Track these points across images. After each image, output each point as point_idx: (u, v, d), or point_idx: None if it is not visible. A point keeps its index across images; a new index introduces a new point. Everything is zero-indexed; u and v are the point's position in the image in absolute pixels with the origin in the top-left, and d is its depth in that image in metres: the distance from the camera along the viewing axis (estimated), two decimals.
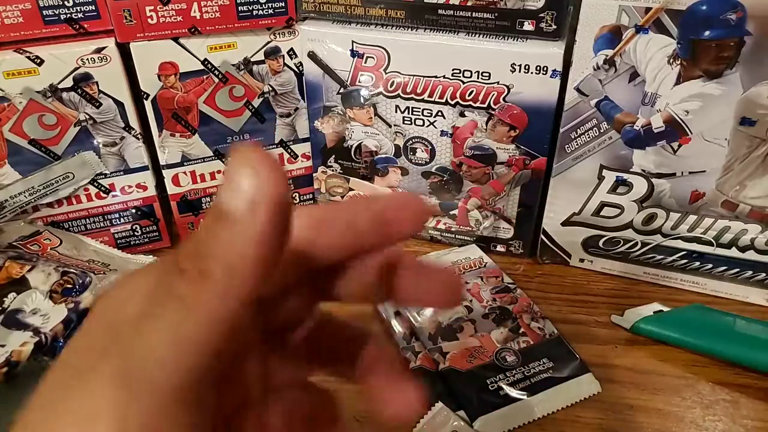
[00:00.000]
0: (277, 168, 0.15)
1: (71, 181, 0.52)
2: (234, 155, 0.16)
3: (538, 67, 0.48)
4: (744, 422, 0.43)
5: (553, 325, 0.49)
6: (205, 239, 0.16)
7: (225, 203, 0.15)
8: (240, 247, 0.15)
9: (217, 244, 0.15)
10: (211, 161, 0.57)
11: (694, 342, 0.47)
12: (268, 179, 0.15)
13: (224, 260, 0.15)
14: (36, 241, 0.50)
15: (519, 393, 0.43)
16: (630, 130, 0.48)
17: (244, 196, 0.15)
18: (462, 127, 0.53)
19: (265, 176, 0.15)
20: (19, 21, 0.46)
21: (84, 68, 0.48)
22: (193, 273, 0.15)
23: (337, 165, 0.59)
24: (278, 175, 0.15)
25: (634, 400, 0.44)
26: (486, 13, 0.48)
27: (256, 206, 0.15)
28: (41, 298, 0.43)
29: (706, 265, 0.52)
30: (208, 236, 0.16)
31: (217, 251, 0.15)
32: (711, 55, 0.43)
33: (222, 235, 0.15)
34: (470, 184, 0.56)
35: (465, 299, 0.51)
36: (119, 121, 0.52)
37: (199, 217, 0.59)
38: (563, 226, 0.55)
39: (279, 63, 0.54)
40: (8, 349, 0.39)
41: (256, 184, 0.15)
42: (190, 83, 0.52)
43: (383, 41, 0.51)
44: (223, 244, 0.15)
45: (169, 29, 0.49)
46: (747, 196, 0.47)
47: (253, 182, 0.15)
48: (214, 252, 0.15)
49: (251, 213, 0.15)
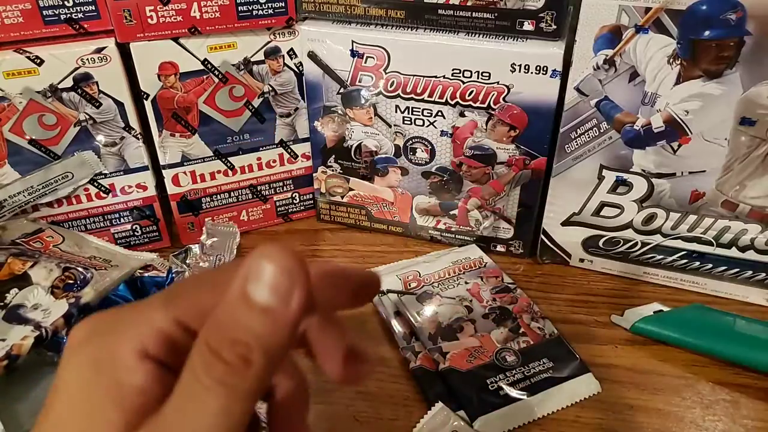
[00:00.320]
0: (302, 259, 0.18)
1: (70, 180, 0.52)
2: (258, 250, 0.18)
3: (538, 67, 0.48)
4: (744, 422, 0.43)
5: (553, 325, 0.49)
6: (237, 327, 0.18)
7: (258, 295, 0.18)
8: (276, 336, 0.18)
9: (254, 333, 0.18)
10: (211, 161, 0.57)
11: (694, 342, 0.47)
12: (297, 272, 0.18)
13: (263, 347, 0.18)
14: (39, 239, 0.50)
15: (519, 393, 0.43)
16: (630, 130, 0.48)
17: (276, 288, 0.18)
18: (462, 127, 0.53)
19: (294, 269, 0.18)
20: (19, 21, 0.46)
21: (84, 68, 0.48)
22: (236, 361, 0.17)
23: (337, 165, 0.59)
24: (303, 266, 0.18)
25: (634, 400, 0.44)
26: (486, 13, 0.48)
27: (289, 297, 0.18)
28: (43, 293, 0.43)
29: (706, 265, 0.52)
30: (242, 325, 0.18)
31: (254, 339, 0.18)
32: (711, 55, 0.43)
33: (256, 325, 0.18)
34: (470, 184, 0.56)
35: (466, 299, 0.51)
36: (119, 121, 0.52)
37: (200, 217, 0.59)
38: (563, 226, 0.55)
39: (279, 63, 0.54)
40: (9, 343, 0.39)
41: (287, 277, 0.18)
42: (190, 83, 0.52)
43: (383, 41, 0.51)
44: (259, 332, 0.18)
45: (169, 29, 0.49)
46: (747, 196, 0.47)
47: (284, 276, 0.18)
48: (251, 340, 0.18)
49: (284, 304, 0.18)
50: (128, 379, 0.19)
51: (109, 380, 0.19)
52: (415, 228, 0.60)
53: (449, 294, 0.52)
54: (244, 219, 0.62)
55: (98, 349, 0.19)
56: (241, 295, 0.18)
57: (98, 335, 0.20)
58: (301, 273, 0.18)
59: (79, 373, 0.19)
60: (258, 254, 0.18)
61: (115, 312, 0.21)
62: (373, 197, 0.60)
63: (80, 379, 0.19)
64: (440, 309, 0.50)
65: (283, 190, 0.62)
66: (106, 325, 0.20)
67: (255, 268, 0.18)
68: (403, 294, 0.52)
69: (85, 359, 0.19)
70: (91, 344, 0.19)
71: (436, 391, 0.44)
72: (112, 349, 0.19)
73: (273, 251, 0.18)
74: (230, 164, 0.58)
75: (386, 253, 0.60)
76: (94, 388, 0.19)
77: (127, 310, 0.21)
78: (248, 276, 0.18)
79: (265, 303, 0.18)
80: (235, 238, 0.53)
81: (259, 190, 0.61)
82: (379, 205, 0.60)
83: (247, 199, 0.61)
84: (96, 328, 0.20)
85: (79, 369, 0.19)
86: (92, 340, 0.20)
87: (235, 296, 0.18)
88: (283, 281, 0.18)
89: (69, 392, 0.19)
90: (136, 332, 0.19)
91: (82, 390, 0.19)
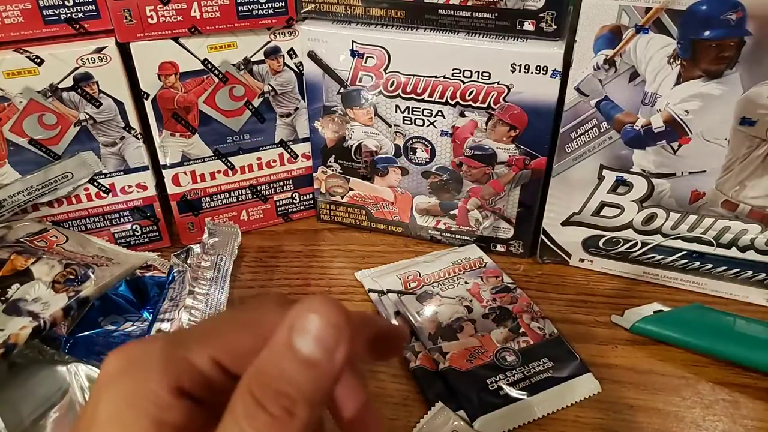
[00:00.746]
0: (347, 314, 0.19)
1: (70, 180, 0.52)
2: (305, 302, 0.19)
3: (538, 67, 0.48)
4: (744, 422, 0.43)
5: (553, 325, 0.49)
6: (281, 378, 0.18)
7: (305, 348, 0.18)
8: (319, 389, 0.18)
9: (299, 386, 0.18)
10: (211, 161, 0.57)
11: (694, 342, 0.47)
12: (343, 327, 0.18)
13: (306, 400, 0.18)
14: (43, 238, 0.50)
15: (519, 393, 0.43)
16: (630, 130, 0.48)
17: (323, 342, 0.18)
18: (462, 127, 0.53)
19: (340, 323, 0.18)
20: (19, 21, 0.46)
21: (84, 68, 0.48)
22: (280, 414, 0.18)
23: (337, 165, 0.59)
24: (348, 321, 0.18)
25: (634, 400, 0.44)
26: (486, 13, 0.48)
27: (334, 352, 0.18)
28: (43, 288, 0.43)
29: (706, 265, 0.52)
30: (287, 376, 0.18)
31: (298, 392, 0.18)
32: (711, 55, 0.43)
33: (301, 378, 0.18)
34: (470, 184, 0.56)
35: (466, 299, 0.51)
36: (119, 121, 0.52)
37: (200, 217, 0.59)
38: (563, 226, 0.55)
39: (279, 63, 0.54)
40: (7, 333, 0.39)
41: (333, 332, 0.18)
42: (190, 83, 0.52)
43: (383, 41, 0.51)
44: (304, 385, 0.18)
45: (169, 29, 0.49)
46: (747, 196, 0.47)
47: (331, 330, 0.18)
48: (295, 393, 0.18)
49: (329, 358, 0.18)
50: (165, 416, 0.19)
51: (147, 418, 0.19)
52: (415, 228, 0.60)
53: (449, 294, 0.52)
54: (244, 219, 0.62)
55: (135, 384, 0.19)
56: (287, 345, 0.18)
57: (134, 368, 0.20)
58: (346, 328, 0.18)
59: (116, 408, 0.19)
60: (305, 306, 0.18)
61: (148, 343, 0.21)
62: (373, 197, 0.60)
63: (118, 415, 0.19)
64: (440, 309, 0.50)
65: (283, 190, 0.62)
66: (140, 357, 0.20)
67: (302, 320, 0.18)
68: (403, 294, 0.52)
69: (121, 394, 0.19)
70: (127, 377, 0.20)
71: (436, 391, 0.44)
72: (149, 385, 0.19)
73: (320, 304, 0.18)
74: (230, 164, 0.58)
75: (386, 253, 0.60)
76: (131, 426, 0.19)
77: (161, 343, 0.21)
78: (294, 327, 0.18)
79: (311, 356, 0.18)
80: (236, 238, 0.53)
81: (259, 190, 0.61)
82: (379, 205, 0.60)
83: (247, 199, 0.61)
84: (131, 360, 0.20)
85: (116, 404, 0.19)
86: (128, 373, 0.20)
87: (280, 346, 0.18)
88: (329, 336, 0.18)
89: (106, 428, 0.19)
90: (172, 368, 0.20)
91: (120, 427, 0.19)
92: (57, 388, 0.41)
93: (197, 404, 0.20)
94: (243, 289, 0.55)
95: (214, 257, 0.50)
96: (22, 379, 0.41)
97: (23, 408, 0.40)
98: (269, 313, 0.21)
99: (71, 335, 0.46)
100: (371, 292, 0.53)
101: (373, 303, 0.53)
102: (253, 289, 0.55)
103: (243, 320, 0.22)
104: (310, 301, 0.19)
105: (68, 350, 0.44)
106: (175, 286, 0.49)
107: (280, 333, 0.19)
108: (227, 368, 0.20)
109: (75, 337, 0.46)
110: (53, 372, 0.42)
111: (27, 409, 0.40)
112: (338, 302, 0.19)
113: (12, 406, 0.40)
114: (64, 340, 0.45)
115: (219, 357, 0.20)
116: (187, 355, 0.20)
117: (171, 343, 0.21)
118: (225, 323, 0.22)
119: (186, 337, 0.21)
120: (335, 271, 0.57)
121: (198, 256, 0.50)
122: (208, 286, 0.47)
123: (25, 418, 0.39)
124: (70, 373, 0.42)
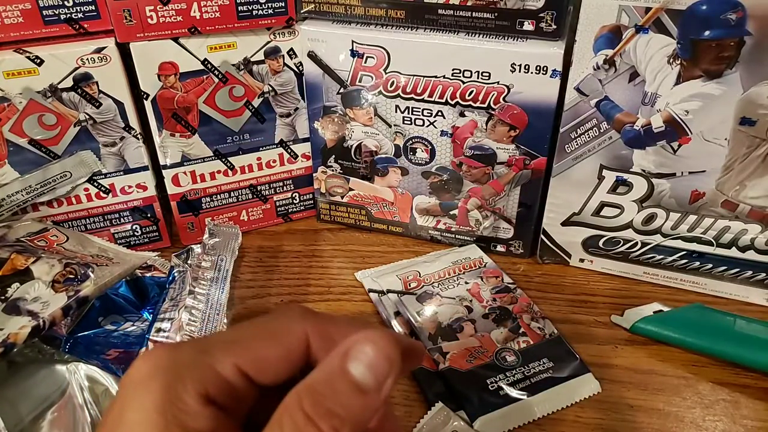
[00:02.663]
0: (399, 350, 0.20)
1: (68, 179, 0.52)
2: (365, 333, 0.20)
3: (538, 67, 0.48)
4: (744, 422, 0.43)
5: (553, 325, 0.49)
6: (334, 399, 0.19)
7: (359, 375, 0.19)
8: (365, 415, 0.20)
9: (349, 409, 0.19)
10: (211, 161, 0.57)
11: (694, 342, 0.47)
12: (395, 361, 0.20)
13: (353, 423, 0.19)
14: (43, 238, 0.50)
15: (519, 393, 0.43)
16: (630, 130, 0.48)
17: (376, 373, 0.19)
18: (462, 127, 0.53)
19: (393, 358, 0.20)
20: (19, 21, 0.46)
21: (84, 68, 0.48)
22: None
23: (337, 165, 0.59)
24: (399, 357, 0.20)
25: (634, 400, 0.44)
26: (486, 13, 0.48)
27: (383, 383, 0.20)
28: (43, 287, 0.43)
29: (706, 265, 0.52)
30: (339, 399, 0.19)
31: (348, 414, 0.19)
32: (711, 55, 0.43)
33: (353, 401, 0.19)
34: (470, 184, 0.56)
35: (466, 299, 0.51)
36: (119, 121, 0.52)
37: (200, 217, 0.59)
38: (563, 226, 0.55)
39: (279, 63, 0.54)
40: (6, 332, 0.39)
41: (387, 364, 0.20)
42: (190, 83, 0.52)
43: (383, 41, 0.51)
44: (354, 409, 0.19)
45: (169, 29, 0.49)
46: (747, 196, 0.47)
47: (385, 363, 0.20)
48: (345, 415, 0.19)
49: (378, 388, 0.19)
50: (193, 424, 0.19)
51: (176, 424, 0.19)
52: (415, 228, 0.60)
53: (449, 294, 0.52)
54: (244, 219, 0.62)
55: (163, 391, 0.20)
56: (343, 370, 0.19)
57: (163, 373, 0.20)
58: (398, 363, 0.20)
59: (145, 413, 0.19)
60: (364, 335, 0.20)
61: (176, 350, 0.22)
62: (373, 197, 0.60)
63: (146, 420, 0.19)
64: (440, 309, 0.50)
65: (283, 190, 0.62)
66: (169, 363, 0.21)
67: (359, 348, 0.20)
68: (403, 294, 0.52)
69: (150, 400, 0.20)
70: (155, 383, 0.20)
71: (436, 391, 0.44)
72: (177, 392, 0.20)
73: (379, 337, 0.20)
74: (230, 164, 0.58)
75: (386, 253, 0.60)
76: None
77: (188, 349, 0.21)
78: (351, 353, 0.20)
79: (364, 383, 0.19)
80: (237, 239, 0.53)
81: (259, 190, 0.61)
82: (379, 205, 0.60)
83: (247, 199, 0.61)
84: (159, 365, 0.20)
85: (146, 409, 0.20)
86: (156, 379, 0.20)
87: (336, 369, 0.19)
88: (382, 367, 0.20)
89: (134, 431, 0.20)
90: (199, 376, 0.20)
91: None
92: (56, 387, 0.41)
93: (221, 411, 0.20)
94: (243, 289, 0.55)
95: (215, 257, 0.50)
96: (21, 378, 0.41)
97: (22, 407, 0.40)
98: (293, 324, 0.22)
99: (71, 335, 0.46)
100: (371, 292, 0.53)
101: (373, 303, 0.53)
102: (253, 289, 0.55)
103: (267, 330, 0.23)
104: (370, 333, 0.20)
105: (68, 350, 0.44)
106: (176, 286, 0.48)
107: (335, 356, 0.20)
108: (250, 377, 0.21)
109: (75, 336, 0.46)
110: (53, 371, 0.42)
111: (26, 407, 0.40)
112: (394, 336, 0.20)
113: (11, 404, 0.40)
114: (63, 339, 0.45)
115: (243, 365, 0.21)
116: (213, 363, 0.21)
117: (198, 350, 0.21)
118: (249, 332, 0.23)
119: (211, 344, 0.22)
120: (335, 271, 0.57)
121: (198, 256, 0.50)
122: (208, 286, 0.47)
123: (24, 416, 0.39)
124: (69, 372, 0.42)
